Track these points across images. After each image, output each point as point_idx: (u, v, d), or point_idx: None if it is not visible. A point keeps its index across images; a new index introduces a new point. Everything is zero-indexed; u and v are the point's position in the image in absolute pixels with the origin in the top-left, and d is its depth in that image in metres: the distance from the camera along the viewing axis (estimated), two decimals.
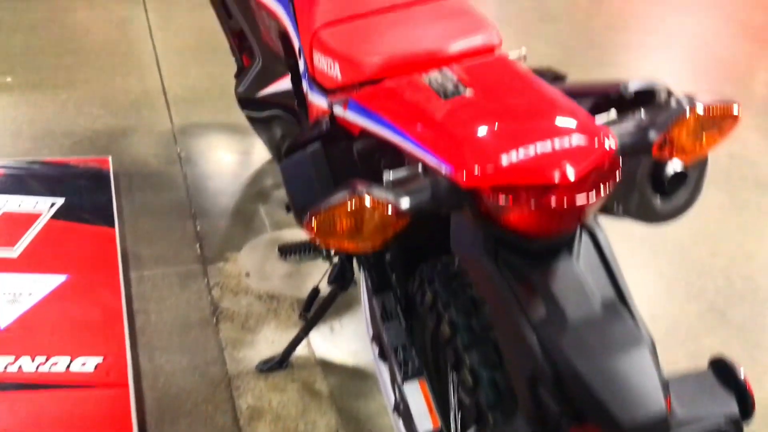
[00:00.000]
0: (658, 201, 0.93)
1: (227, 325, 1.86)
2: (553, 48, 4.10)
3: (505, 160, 0.79)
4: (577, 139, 0.81)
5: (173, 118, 2.80)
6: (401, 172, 0.85)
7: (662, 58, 4.27)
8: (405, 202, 0.79)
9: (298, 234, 1.98)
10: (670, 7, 5.35)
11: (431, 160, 0.86)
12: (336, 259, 1.53)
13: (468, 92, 0.94)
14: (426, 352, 1.18)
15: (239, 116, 2.23)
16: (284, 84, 1.52)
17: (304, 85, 1.34)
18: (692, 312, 2.05)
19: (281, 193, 2.44)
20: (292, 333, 1.76)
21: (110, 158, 2.41)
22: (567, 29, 4.42)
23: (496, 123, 0.86)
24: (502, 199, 0.78)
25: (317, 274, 1.81)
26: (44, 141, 2.53)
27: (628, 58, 4.23)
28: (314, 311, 1.62)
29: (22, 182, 2.21)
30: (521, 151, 0.79)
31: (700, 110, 0.85)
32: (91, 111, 2.76)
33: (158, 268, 2.02)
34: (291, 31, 1.40)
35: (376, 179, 0.83)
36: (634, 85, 0.94)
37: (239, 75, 1.94)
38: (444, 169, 0.83)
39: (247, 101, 1.87)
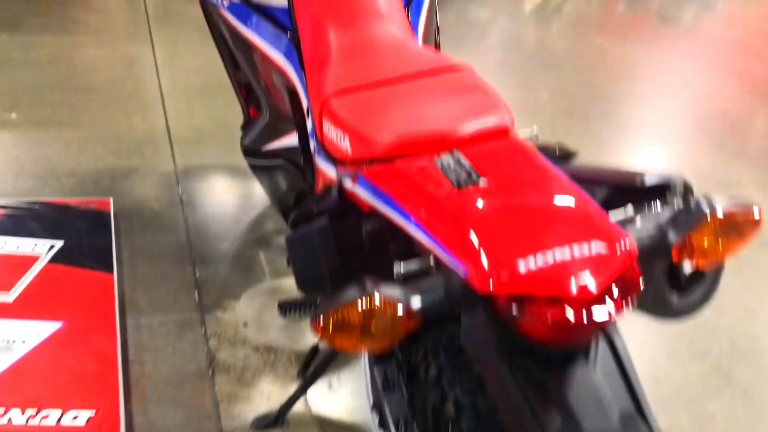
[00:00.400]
0: (674, 298, 0.91)
1: (223, 378, 1.82)
2: (556, 96, 4.12)
3: (523, 266, 0.77)
4: (597, 247, 0.79)
5: (177, 159, 2.79)
6: (413, 265, 0.83)
7: (664, 109, 4.29)
8: (416, 302, 0.77)
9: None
10: (671, 58, 5.40)
11: (445, 257, 0.84)
12: None
13: (482, 182, 0.92)
14: (427, 424, 1.15)
15: (243, 159, 2.22)
16: (291, 140, 1.51)
17: (312, 145, 1.33)
18: (696, 373, 2.02)
19: (282, 240, 2.42)
20: (289, 388, 1.72)
21: (111, 200, 2.40)
22: (569, 78, 4.45)
23: (513, 222, 0.84)
24: (517, 309, 0.76)
25: None
26: (46, 180, 2.52)
27: (630, 108, 4.25)
28: (313, 369, 1.59)
29: (21, 223, 2.20)
30: (539, 257, 0.77)
31: (720, 215, 0.83)
32: (95, 150, 2.76)
33: (155, 316, 1.99)
34: (300, 90, 1.40)
35: (385, 262, 0.80)
36: (651, 179, 0.92)
37: (245, 127, 1.94)
38: (458, 268, 0.81)
39: (252, 153, 1.86)
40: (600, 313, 0.75)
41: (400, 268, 0.81)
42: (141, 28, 4.08)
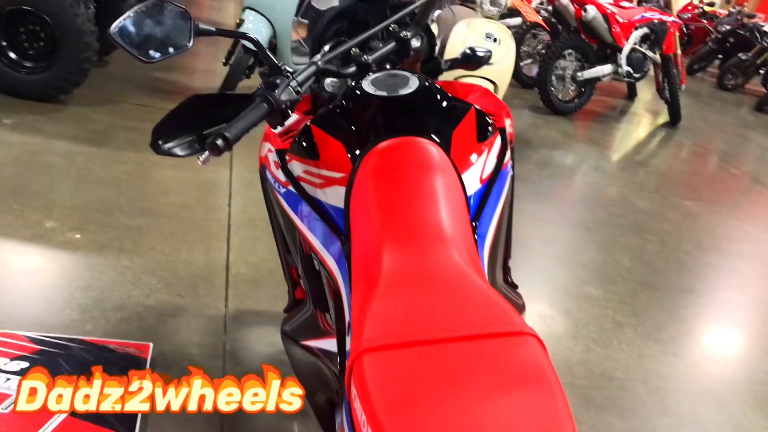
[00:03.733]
0: None
1: None
2: (637, 264, 3.88)
3: None
4: None
5: (229, 301, 2.70)
6: None
7: (755, 291, 3.97)
8: None
9: None
10: (765, 230, 5.09)
11: None
12: None
13: None
14: None
15: None
16: (330, 345, 1.36)
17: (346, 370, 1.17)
18: None
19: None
20: None
21: (151, 345, 2.29)
22: (654, 244, 4.20)
23: None
24: None
25: None
26: (92, 313, 2.44)
27: (717, 286, 3.95)
28: None
29: (54, 364, 2.10)
30: None
31: None
32: (149, 283, 2.69)
33: None
34: (345, 302, 1.25)
35: None
36: None
37: (288, 311, 1.81)
38: None
39: (290, 340, 1.72)
40: None
41: None
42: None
